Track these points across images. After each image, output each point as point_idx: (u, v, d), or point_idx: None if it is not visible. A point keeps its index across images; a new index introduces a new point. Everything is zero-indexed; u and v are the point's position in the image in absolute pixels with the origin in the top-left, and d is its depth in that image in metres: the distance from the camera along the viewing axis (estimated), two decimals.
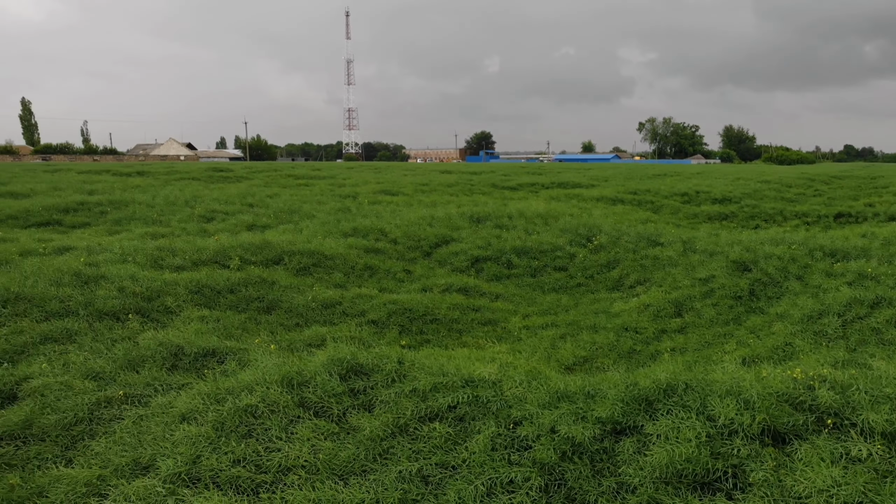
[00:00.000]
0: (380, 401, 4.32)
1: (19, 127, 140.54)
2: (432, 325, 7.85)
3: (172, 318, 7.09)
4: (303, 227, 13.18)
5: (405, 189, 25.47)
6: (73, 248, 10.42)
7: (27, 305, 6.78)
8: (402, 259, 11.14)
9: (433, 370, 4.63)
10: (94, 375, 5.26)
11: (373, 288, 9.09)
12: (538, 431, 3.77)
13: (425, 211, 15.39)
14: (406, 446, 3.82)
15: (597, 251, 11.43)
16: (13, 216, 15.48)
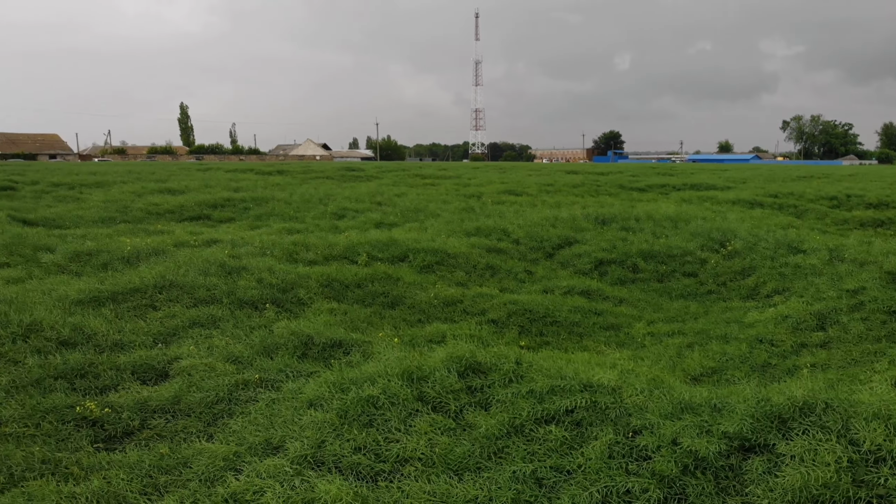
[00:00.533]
0: (496, 400, 4.34)
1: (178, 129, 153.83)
2: (552, 328, 7.78)
3: (304, 309, 7.50)
4: (428, 226, 13.49)
5: (529, 189, 25.36)
6: (220, 242, 11.28)
7: (179, 292, 7.43)
8: (523, 259, 11.11)
9: (551, 373, 4.59)
10: (234, 359, 5.68)
11: (494, 287, 9.15)
12: (659, 442, 3.64)
13: (549, 211, 15.26)
14: (521, 447, 3.82)
15: (730, 257, 10.82)
16: (170, 210, 17.02)
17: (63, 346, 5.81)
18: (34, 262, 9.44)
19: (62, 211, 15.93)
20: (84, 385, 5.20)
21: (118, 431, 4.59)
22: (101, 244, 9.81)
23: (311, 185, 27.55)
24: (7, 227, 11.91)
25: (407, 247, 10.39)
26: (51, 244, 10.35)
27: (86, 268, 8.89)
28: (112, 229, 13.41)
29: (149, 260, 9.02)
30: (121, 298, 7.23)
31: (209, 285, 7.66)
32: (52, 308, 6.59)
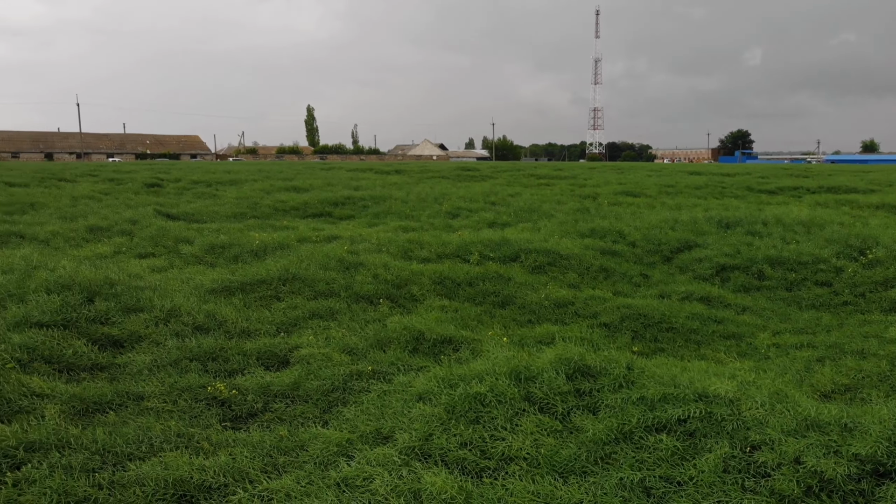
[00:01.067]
0: (605, 404, 4.26)
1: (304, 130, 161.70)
2: (668, 334, 7.51)
3: (416, 305, 7.69)
4: (541, 226, 13.40)
5: (648, 190, 24.54)
6: (339, 238, 11.77)
7: (301, 285, 7.84)
8: (639, 263, 10.79)
9: (664, 380, 4.45)
10: (349, 350, 5.93)
11: (607, 290, 8.96)
12: (779, 460, 3.43)
13: (668, 214, 14.71)
14: (629, 454, 3.73)
15: (871, 266, 9.96)
16: (295, 207, 17.95)
17: (198, 331, 6.30)
18: (175, 253, 10.28)
19: (200, 206, 17.21)
20: (215, 367, 5.62)
21: (243, 412, 4.92)
22: (232, 238, 10.54)
23: (427, 184, 28.10)
24: (153, 221, 13.05)
25: (519, 247, 10.39)
26: (190, 237, 11.23)
27: (219, 259, 9.58)
28: (243, 224, 14.34)
29: (274, 254, 9.57)
30: (249, 289, 7.73)
31: (328, 279, 8.03)
32: (189, 295, 7.16)
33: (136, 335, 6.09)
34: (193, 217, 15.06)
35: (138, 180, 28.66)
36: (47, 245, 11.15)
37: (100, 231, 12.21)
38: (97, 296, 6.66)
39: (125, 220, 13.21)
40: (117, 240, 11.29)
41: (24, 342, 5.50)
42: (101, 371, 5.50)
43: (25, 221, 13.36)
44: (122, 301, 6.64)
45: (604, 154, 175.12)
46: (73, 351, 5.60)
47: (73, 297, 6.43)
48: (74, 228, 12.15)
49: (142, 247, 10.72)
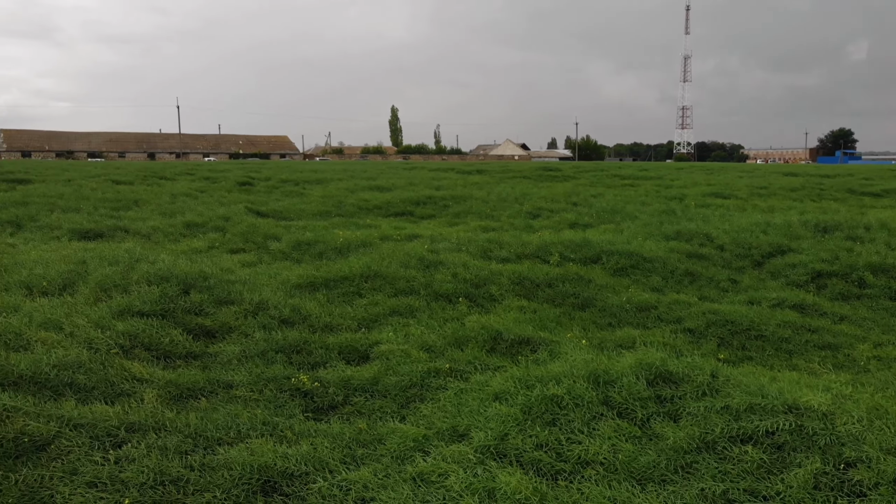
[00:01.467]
0: (687, 412, 4.14)
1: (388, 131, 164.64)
2: (756, 342, 7.19)
3: (495, 304, 7.70)
4: (624, 228, 13.12)
5: (739, 192, 23.56)
6: (420, 237, 11.93)
7: (382, 282, 8.01)
8: (727, 267, 10.39)
9: (751, 389, 4.28)
10: (428, 348, 6.01)
11: (692, 295, 8.67)
12: (876, 479, 3.24)
13: (760, 217, 14.08)
14: (712, 464, 3.61)
15: None
16: (378, 206, 18.32)
17: (284, 324, 6.54)
18: (264, 249, 10.71)
19: (288, 205, 17.84)
20: (299, 360, 5.82)
21: (325, 404, 5.08)
22: (317, 235, 10.88)
23: (508, 184, 28.03)
24: (244, 218, 13.64)
25: (601, 248, 10.21)
26: (277, 234, 11.67)
27: (305, 256, 9.92)
28: (328, 222, 14.77)
29: (357, 251, 9.81)
30: (332, 285, 7.96)
31: (408, 277, 8.16)
32: (276, 290, 7.45)
33: (226, 326, 6.40)
34: (281, 214, 15.64)
35: (231, 179, 29.97)
36: (148, 239, 11.86)
37: (195, 227, 12.87)
38: (192, 288, 7.03)
39: (218, 216, 13.87)
40: (211, 235, 11.88)
41: (127, 330, 5.87)
42: (195, 359, 5.81)
43: (129, 217, 14.25)
44: (215, 294, 6.99)
45: (692, 154, 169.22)
46: (170, 339, 5.94)
47: (171, 288, 6.82)
48: (173, 224, 12.87)
49: (233, 242, 11.23)
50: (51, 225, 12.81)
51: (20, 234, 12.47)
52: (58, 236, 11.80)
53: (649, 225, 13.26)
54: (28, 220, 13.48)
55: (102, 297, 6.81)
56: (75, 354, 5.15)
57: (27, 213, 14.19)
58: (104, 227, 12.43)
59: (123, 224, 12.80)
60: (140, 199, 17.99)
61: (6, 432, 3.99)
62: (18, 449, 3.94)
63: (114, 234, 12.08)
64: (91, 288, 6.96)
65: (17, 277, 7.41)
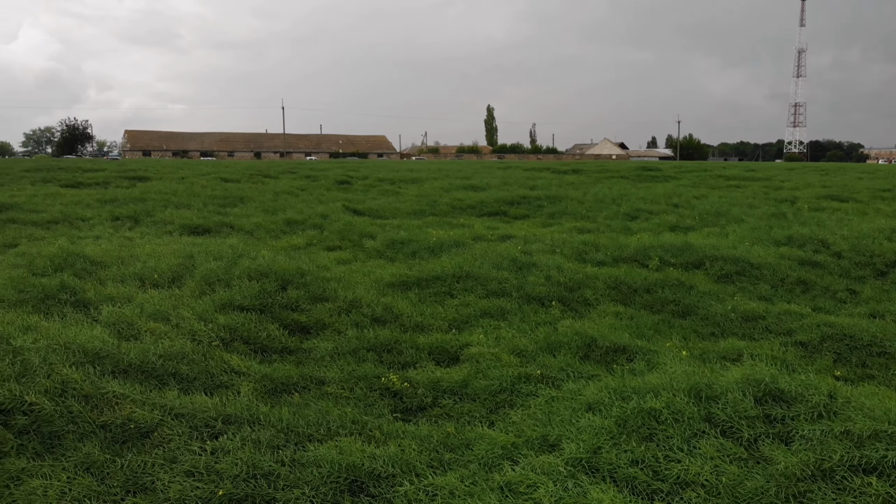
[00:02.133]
0: (800, 435, 3.81)
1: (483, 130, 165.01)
2: (879, 359, 6.58)
3: (589, 309, 7.46)
4: (729, 232, 12.45)
5: (858, 195, 21.87)
6: (513, 237, 11.79)
7: (474, 283, 7.94)
8: (845, 276, 9.62)
9: (875, 413, 3.88)
10: (519, 352, 5.88)
11: (804, 305, 8.06)
12: None
13: (884, 221, 12.97)
14: (828, 495, 3.29)
15: None
16: (472, 206, 18.30)
17: (375, 323, 6.60)
18: (359, 247, 10.91)
19: (384, 203, 18.14)
20: (389, 359, 5.84)
21: (413, 405, 5.06)
22: (411, 234, 10.96)
23: (605, 184, 27.34)
24: (341, 216, 13.98)
25: (703, 253, 9.71)
26: (373, 232, 11.86)
27: (398, 254, 10.01)
28: (422, 221, 14.88)
29: (450, 251, 9.80)
30: (424, 284, 7.97)
31: (501, 279, 8.05)
32: (369, 288, 7.53)
33: (321, 323, 6.52)
34: (377, 213, 15.91)
35: (330, 178, 30.89)
36: (251, 235, 12.35)
37: (295, 224, 13.30)
38: (290, 284, 7.23)
39: (317, 214, 14.28)
40: (310, 233, 12.23)
41: (228, 323, 6.10)
42: (290, 354, 5.95)
43: (235, 213, 14.92)
44: (311, 290, 7.15)
45: (804, 154, 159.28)
46: (267, 334, 6.12)
47: (270, 284, 7.04)
48: (274, 221, 13.36)
49: (330, 240, 11.51)
50: (164, 220, 13.60)
51: (137, 228, 13.31)
52: (170, 231, 12.50)
53: (757, 229, 12.51)
54: (145, 216, 14.38)
55: (207, 290, 7.11)
56: (180, 345, 5.38)
57: (144, 208, 15.15)
58: (211, 223, 13.07)
59: (229, 220, 13.41)
60: (245, 197, 18.82)
61: (115, 418, 4.21)
62: (125, 434, 4.15)
63: (220, 230, 12.66)
64: (197, 281, 7.29)
65: (132, 270, 7.87)
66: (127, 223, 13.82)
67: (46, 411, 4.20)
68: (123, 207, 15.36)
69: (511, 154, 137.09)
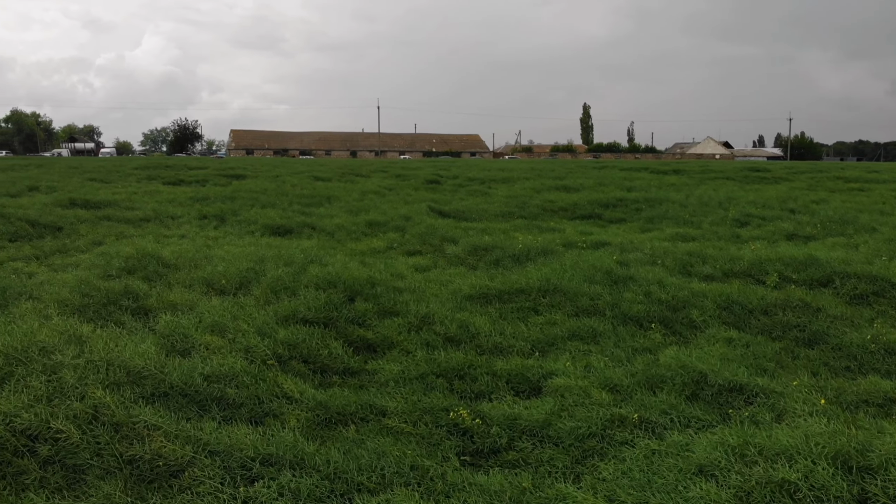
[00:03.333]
0: None
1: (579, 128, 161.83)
2: None
3: (696, 333, 6.47)
4: (859, 243, 10.93)
5: None
6: (608, 244, 10.81)
7: (562, 298, 7.10)
8: None
9: None
10: (612, 387, 5.02)
11: None
12: None
13: None
14: None
15: None
16: (564, 208, 17.33)
17: (449, 343, 5.91)
18: (440, 252, 10.27)
19: (471, 204, 17.48)
20: (461, 387, 5.14)
21: (485, 446, 4.34)
22: (496, 240, 10.20)
23: (710, 186, 25.55)
24: (424, 219, 13.41)
25: (832, 268, 8.40)
26: (455, 236, 11.19)
27: (480, 262, 9.29)
28: (509, 224, 14.10)
29: (536, 260, 8.99)
30: (506, 298, 7.21)
31: (593, 294, 7.17)
32: (445, 301, 6.86)
33: (388, 341, 5.90)
34: (463, 215, 15.26)
35: (420, 177, 30.59)
36: (332, 237, 11.99)
37: (377, 226, 12.85)
38: (358, 295, 6.67)
39: (400, 216, 13.78)
40: (391, 235, 11.73)
41: (287, 338, 5.58)
42: (351, 377, 5.36)
43: (319, 213, 14.68)
44: (381, 303, 6.55)
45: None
46: (329, 352, 5.56)
47: (337, 295, 6.49)
48: (356, 222, 12.96)
49: (411, 244, 10.94)
50: (248, 220, 13.50)
51: (222, 227, 13.28)
52: (252, 231, 12.34)
53: (894, 240, 10.91)
54: (231, 215, 14.37)
55: (272, 299, 6.66)
56: (230, 364, 4.89)
57: (231, 207, 15.19)
58: (294, 223, 12.82)
59: (312, 221, 13.13)
60: (332, 196, 18.66)
61: (144, 452, 3.73)
62: (153, 472, 3.66)
63: (301, 231, 12.39)
64: (262, 289, 6.86)
65: (202, 274, 7.57)
66: (213, 222, 13.84)
67: (73, 440, 3.77)
68: (212, 206, 15.47)
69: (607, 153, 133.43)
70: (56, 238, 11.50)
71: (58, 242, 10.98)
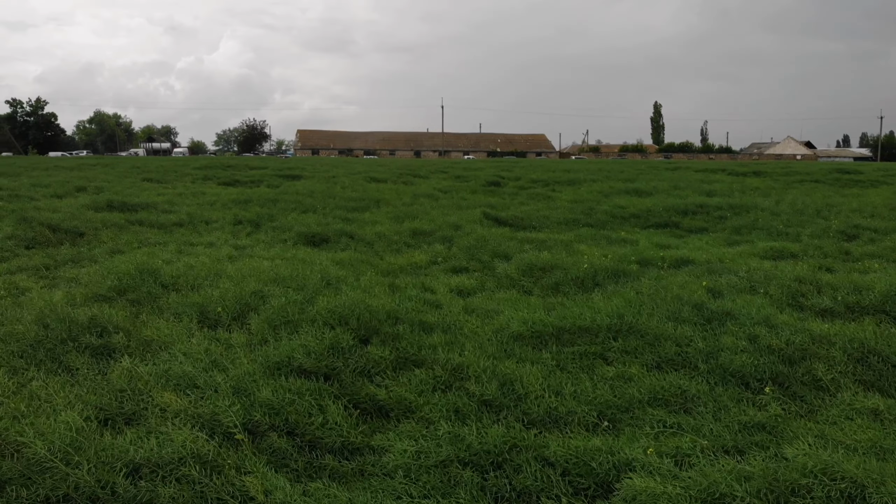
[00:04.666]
0: None
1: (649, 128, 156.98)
2: None
3: (824, 399, 4.76)
4: None
5: None
6: (691, 262, 9.09)
7: (639, 342, 5.49)
8: None
9: None
10: (716, 498, 3.42)
11: None
12: None
13: None
14: None
15: None
16: (636, 215, 15.51)
17: (485, 407, 4.43)
18: (489, 270, 8.76)
19: (531, 210, 15.88)
20: (496, 484, 3.65)
21: None
22: (556, 257, 8.58)
23: (800, 190, 23.08)
24: (476, 228, 11.91)
25: None
26: (509, 251, 9.65)
27: (536, 286, 7.72)
28: (573, 233, 12.47)
29: (605, 285, 7.37)
30: (566, 338, 5.66)
31: (679, 337, 5.53)
32: (485, 344, 5.36)
33: (404, 403, 4.46)
34: (521, 222, 13.66)
35: (481, 178, 29.12)
36: (370, 247, 10.67)
37: (422, 235, 11.44)
38: (375, 335, 5.26)
39: (449, 224, 12.32)
40: (436, 247, 10.28)
41: (271, 400, 4.22)
42: (349, 457, 3.95)
43: (361, 220, 13.40)
44: (401, 346, 5.12)
45: None
46: (324, 419, 4.16)
47: (346, 335, 5.09)
48: (399, 231, 11.57)
49: (457, 259, 9.46)
50: (284, 226, 12.34)
51: (256, 234, 12.17)
52: (285, 239, 11.15)
53: None
54: (267, 220, 13.27)
55: (269, 336, 5.33)
56: (180, 443, 3.56)
57: (269, 212, 14.10)
58: (331, 231, 11.56)
59: (351, 229, 11.83)
60: (382, 199, 17.41)
61: None
62: None
63: (339, 240, 11.12)
64: (260, 323, 5.55)
65: (197, 299, 6.33)
66: (247, 227, 12.76)
67: None
68: (250, 210, 14.42)
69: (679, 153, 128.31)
70: (74, 245, 10.60)
71: (74, 251, 10.06)
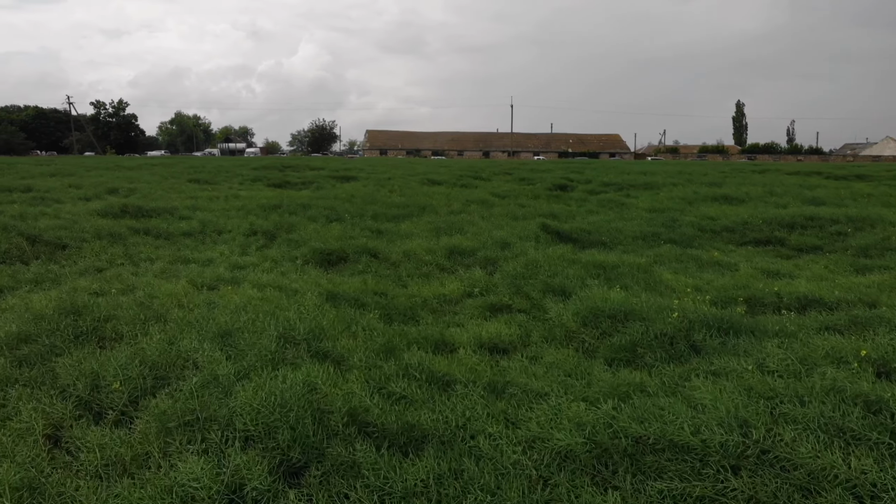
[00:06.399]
0: None
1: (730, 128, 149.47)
2: None
3: None
4: None
5: None
6: (819, 303, 6.57)
7: (772, 482, 3.13)
8: None
9: None
10: None
11: None
12: None
13: None
14: None
15: None
16: (729, 228, 12.81)
17: None
18: (538, 312, 6.45)
19: (601, 221, 13.41)
20: None
21: None
22: (632, 298, 6.13)
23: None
24: (527, 247, 9.56)
25: None
26: (567, 282, 7.29)
27: (602, 344, 5.36)
28: (653, 253, 10.01)
29: (706, 349, 4.96)
30: (649, 463, 3.35)
31: (856, 478, 3.13)
32: (510, 474, 3.13)
33: None
34: (587, 237, 11.24)
35: (547, 180, 26.70)
36: (395, 270, 8.56)
37: (459, 255, 9.20)
38: (316, 462, 3.10)
39: (495, 241, 10.03)
40: (474, 274, 8.02)
41: None
42: None
43: (393, 232, 11.32)
44: (355, 494, 2.95)
45: None
46: None
47: (261, 467, 2.96)
48: (434, 249, 9.38)
49: (496, 292, 7.19)
50: (299, 240, 10.39)
51: (267, 248, 10.29)
52: (295, 257, 9.18)
53: None
54: (284, 231, 11.36)
55: (154, 450, 3.27)
56: None
57: (290, 221, 12.19)
58: (353, 247, 9.50)
59: (376, 245, 9.73)
60: (428, 206, 15.31)
61: None
62: None
63: (358, 259, 9.05)
64: (148, 422, 3.50)
65: (94, 365, 4.36)
66: (260, 239, 10.89)
67: None
68: (271, 218, 12.58)
69: (763, 154, 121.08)
70: (51, 260, 8.97)
71: (43, 268, 8.40)
